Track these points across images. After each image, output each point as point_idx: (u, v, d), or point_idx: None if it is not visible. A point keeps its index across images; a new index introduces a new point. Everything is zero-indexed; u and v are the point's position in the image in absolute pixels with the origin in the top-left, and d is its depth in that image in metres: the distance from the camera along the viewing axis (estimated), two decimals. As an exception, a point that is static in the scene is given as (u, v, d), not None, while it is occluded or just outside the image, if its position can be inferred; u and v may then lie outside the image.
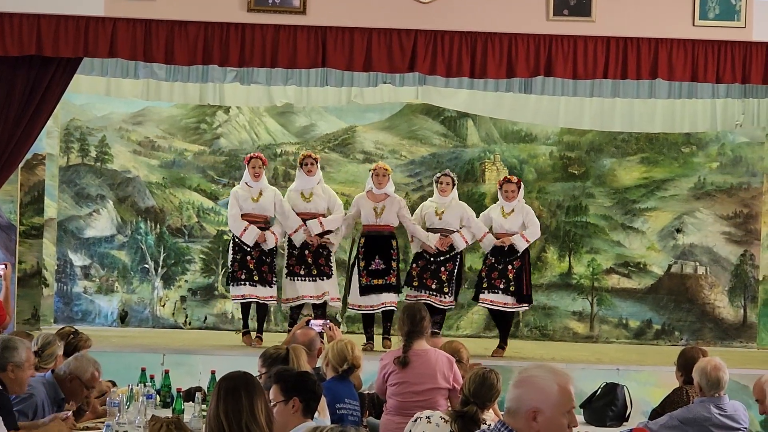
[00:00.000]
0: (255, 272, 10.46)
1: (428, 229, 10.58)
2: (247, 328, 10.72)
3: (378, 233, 10.48)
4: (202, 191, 13.11)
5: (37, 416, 6.25)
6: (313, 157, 10.70)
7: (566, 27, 9.39)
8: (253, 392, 4.38)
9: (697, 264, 13.15)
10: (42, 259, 11.94)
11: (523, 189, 10.82)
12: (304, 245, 10.50)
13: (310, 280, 10.49)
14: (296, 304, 10.57)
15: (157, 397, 7.19)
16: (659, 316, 13.11)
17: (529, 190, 12.62)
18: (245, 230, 10.38)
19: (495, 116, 12.95)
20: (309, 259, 10.50)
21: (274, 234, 10.51)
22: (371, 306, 10.44)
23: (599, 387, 8.26)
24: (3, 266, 8.71)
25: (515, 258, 10.46)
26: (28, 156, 10.84)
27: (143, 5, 9.24)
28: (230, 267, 10.54)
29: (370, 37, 9.32)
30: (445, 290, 10.44)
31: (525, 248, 10.51)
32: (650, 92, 10.88)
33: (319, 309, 10.53)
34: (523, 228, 10.53)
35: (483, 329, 12.75)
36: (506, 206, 10.62)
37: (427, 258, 10.50)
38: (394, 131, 13.31)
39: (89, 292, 12.90)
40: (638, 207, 13.20)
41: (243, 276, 10.45)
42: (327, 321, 8.01)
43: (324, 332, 7.85)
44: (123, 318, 12.87)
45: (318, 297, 10.46)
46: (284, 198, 10.66)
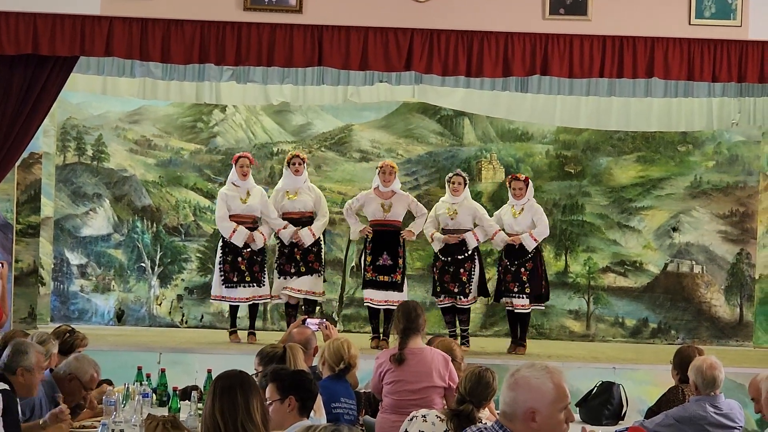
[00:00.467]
0: (247, 273, 10.56)
1: (442, 230, 10.71)
2: (235, 327, 10.81)
3: (385, 229, 10.61)
4: (199, 190, 13.10)
5: (35, 415, 6.25)
6: (301, 157, 10.82)
7: (562, 26, 9.40)
8: (249, 391, 4.39)
9: (694, 263, 13.15)
10: (39, 258, 11.93)
11: (532, 187, 10.88)
12: (293, 244, 10.61)
13: (298, 277, 10.60)
14: (283, 300, 10.73)
15: (154, 396, 7.20)
16: (655, 315, 13.11)
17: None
18: (234, 231, 10.47)
19: (491, 115, 12.96)
20: (298, 257, 10.62)
21: (262, 234, 10.64)
22: (372, 300, 10.54)
23: (595, 386, 8.26)
24: (0, 265, 8.70)
25: (527, 260, 10.59)
26: (25, 155, 10.83)
27: (139, 4, 9.24)
28: (220, 269, 10.60)
29: (367, 36, 9.32)
30: (467, 291, 10.62)
31: (535, 248, 10.59)
32: (646, 91, 10.91)
33: (310, 305, 10.67)
34: (533, 227, 10.61)
35: (480, 328, 12.74)
36: (516, 205, 10.72)
37: (445, 260, 10.66)
38: (391, 130, 13.31)
39: (86, 291, 12.89)
40: (634, 206, 13.20)
41: (235, 278, 10.54)
42: (323, 320, 8.01)
43: (320, 331, 7.85)
44: (119, 317, 12.86)
45: (304, 292, 10.59)
46: (270, 198, 10.82)
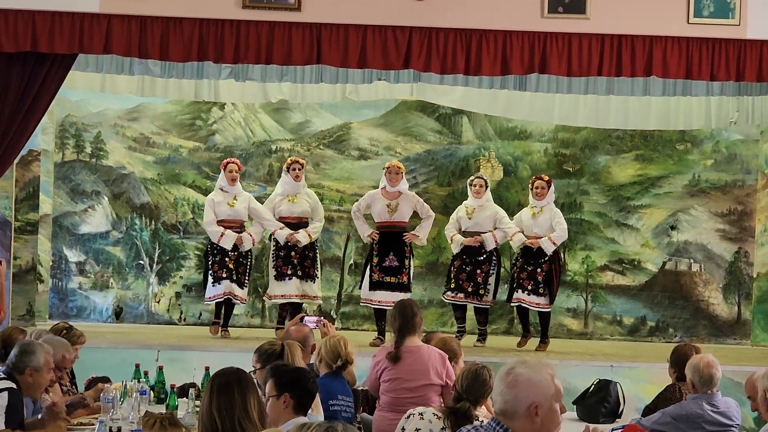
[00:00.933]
0: (234, 272, 10.65)
1: (462, 232, 10.81)
2: (219, 319, 10.88)
3: (392, 230, 10.66)
4: (197, 187, 13.10)
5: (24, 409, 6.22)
6: (300, 163, 10.93)
7: (561, 24, 9.41)
8: (246, 388, 4.39)
9: (692, 261, 13.16)
10: (37, 255, 11.94)
11: (553, 189, 10.99)
12: (290, 247, 10.69)
13: (298, 279, 10.70)
14: (282, 302, 10.79)
15: (151, 393, 7.19)
16: (653, 313, 13.12)
17: (524, 187, 12.63)
18: (222, 236, 10.60)
19: (490, 113, 12.97)
20: (295, 260, 10.71)
21: (251, 235, 10.78)
22: (379, 301, 10.58)
23: (592, 383, 8.26)
24: (-2, 262, 8.70)
25: (544, 261, 10.65)
26: (24, 152, 10.86)
27: (138, 2, 9.24)
28: (210, 269, 10.69)
29: (365, 34, 9.33)
30: (481, 292, 10.72)
31: (552, 251, 10.68)
32: (645, 89, 10.93)
33: (296, 309, 10.70)
34: (551, 230, 10.69)
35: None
36: (536, 206, 10.81)
37: (464, 259, 10.74)
38: (389, 128, 13.31)
39: (84, 288, 12.90)
40: (633, 204, 13.20)
41: (224, 275, 10.62)
42: (321, 317, 8.00)
43: (318, 328, 7.85)
44: (118, 314, 12.87)
45: (301, 297, 10.71)
46: (267, 201, 10.95)
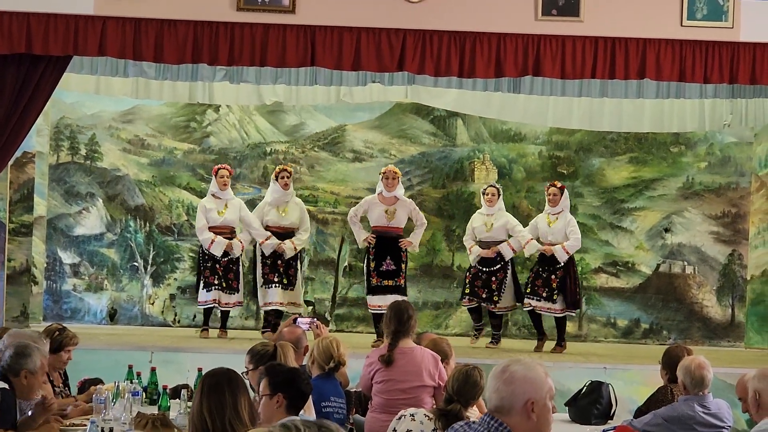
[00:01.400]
0: (223, 279, 10.85)
1: (479, 242, 11.07)
2: (207, 326, 11.13)
3: (389, 235, 10.80)
4: (192, 190, 13.10)
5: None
6: (288, 171, 11.04)
7: (554, 27, 9.42)
8: (237, 389, 4.41)
9: (686, 263, 13.18)
10: (31, 257, 11.93)
11: (567, 195, 11.14)
12: (276, 255, 10.84)
13: (282, 288, 10.89)
14: (270, 309, 10.97)
15: (144, 394, 7.20)
16: (647, 316, 13.14)
17: (518, 190, 12.69)
18: (213, 242, 10.74)
19: (484, 115, 12.97)
20: (281, 269, 10.88)
21: (241, 242, 10.98)
22: (379, 306, 10.63)
23: (584, 385, 8.26)
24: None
25: (559, 269, 10.86)
26: (18, 154, 10.84)
27: (133, 4, 9.25)
28: (202, 274, 10.90)
29: (359, 37, 9.34)
30: (495, 298, 10.98)
31: (566, 259, 10.85)
32: (638, 92, 10.94)
33: (279, 317, 10.87)
34: (566, 238, 10.86)
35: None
36: (551, 213, 10.98)
37: (479, 268, 11.02)
38: (384, 130, 13.32)
39: (78, 290, 12.90)
40: (627, 206, 13.22)
41: (215, 281, 10.83)
42: (314, 319, 8.02)
43: (311, 330, 7.86)
44: (112, 316, 12.87)
45: (286, 305, 10.91)
46: (256, 209, 11.08)
